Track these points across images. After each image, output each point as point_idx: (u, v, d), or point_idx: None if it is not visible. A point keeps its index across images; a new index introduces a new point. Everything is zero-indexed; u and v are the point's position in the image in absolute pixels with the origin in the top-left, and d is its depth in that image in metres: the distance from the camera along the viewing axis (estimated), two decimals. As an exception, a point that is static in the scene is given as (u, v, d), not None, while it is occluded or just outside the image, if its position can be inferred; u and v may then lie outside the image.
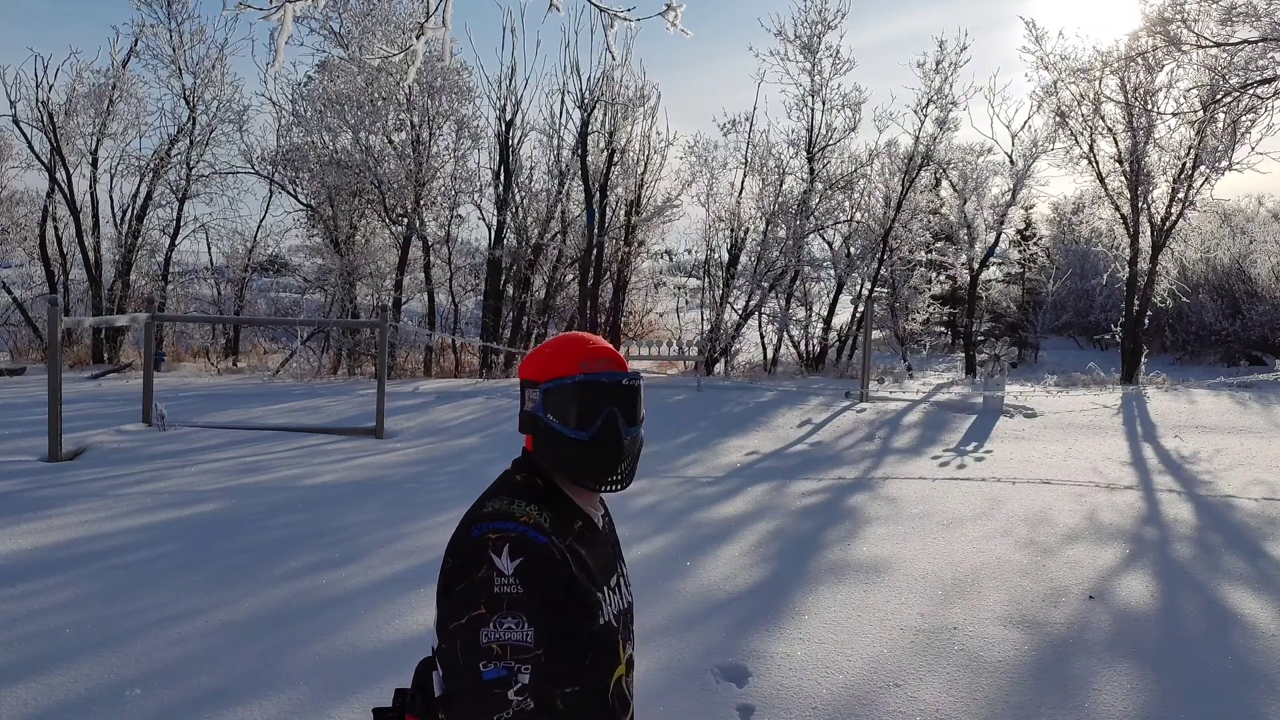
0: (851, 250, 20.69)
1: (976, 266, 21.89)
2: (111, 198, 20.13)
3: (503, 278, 19.94)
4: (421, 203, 18.75)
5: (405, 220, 18.96)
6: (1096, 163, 19.61)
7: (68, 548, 5.72)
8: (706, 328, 20.40)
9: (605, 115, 19.78)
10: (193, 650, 4.21)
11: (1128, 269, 19.33)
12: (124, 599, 4.84)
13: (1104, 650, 4.41)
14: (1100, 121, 19.27)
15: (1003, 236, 23.25)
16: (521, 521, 1.48)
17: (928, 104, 19.40)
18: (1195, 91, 16.07)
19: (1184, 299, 21.26)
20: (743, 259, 20.44)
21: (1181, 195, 18.63)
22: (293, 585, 5.13)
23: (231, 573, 5.31)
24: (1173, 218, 18.81)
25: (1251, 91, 13.99)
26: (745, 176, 20.20)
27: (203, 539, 6.00)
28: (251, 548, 5.83)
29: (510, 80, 19.57)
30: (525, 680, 1.38)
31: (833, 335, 21.00)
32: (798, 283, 20.26)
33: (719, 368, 19.63)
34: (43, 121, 18.76)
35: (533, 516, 1.51)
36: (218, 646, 4.26)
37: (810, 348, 20.85)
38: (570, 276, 21.32)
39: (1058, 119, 19.57)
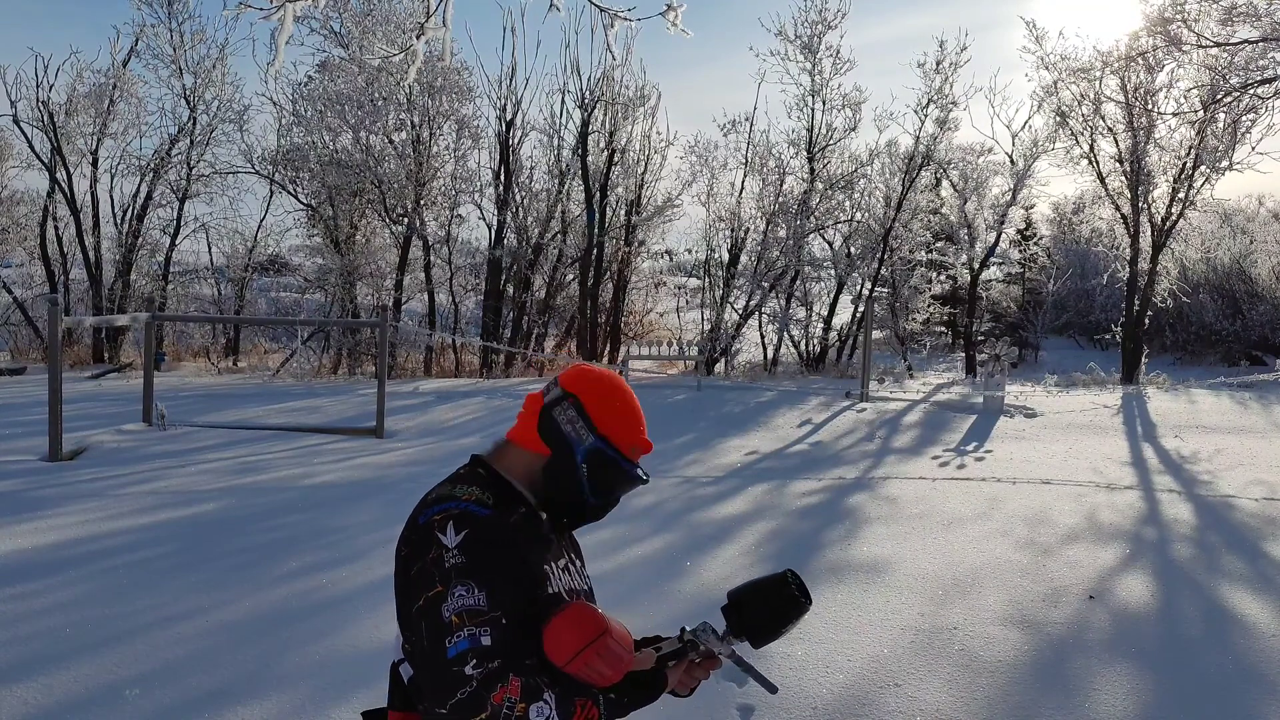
0: (852, 250, 20.68)
1: (977, 266, 21.89)
2: (112, 197, 20.12)
3: (503, 277, 19.93)
4: (422, 202, 18.74)
5: (405, 220, 18.95)
6: (1097, 163, 19.61)
7: (67, 548, 5.73)
8: (707, 327, 20.40)
9: (605, 115, 19.77)
10: (192, 650, 4.21)
11: (1128, 269, 19.32)
12: (124, 599, 4.84)
13: (1104, 650, 4.41)
14: (1100, 121, 19.27)
15: (1003, 236, 23.24)
16: (462, 499, 1.53)
17: (928, 104, 19.40)
18: (1195, 91, 16.05)
19: (1184, 299, 21.24)
20: (743, 259, 20.42)
21: (1182, 195, 18.62)
22: (292, 585, 5.13)
23: (231, 573, 5.31)
24: (1173, 218, 18.81)
25: (1252, 91, 13.97)
26: (745, 176, 20.20)
27: (202, 539, 6.00)
28: (251, 548, 5.83)
29: (510, 80, 19.58)
30: (487, 642, 1.39)
31: (833, 335, 21.00)
32: (798, 282, 20.25)
33: (719, 368, 19.63)
34: (43, 121, 18.74)
35: (474, 494, 1.55)
36: (217, 646, 4.26)
37: (810, 348, 20.84)
38: (570, 276, 21.31)
39: (1058, 119, 19.56)
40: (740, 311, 20.31)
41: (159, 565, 5.44)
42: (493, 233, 19.83)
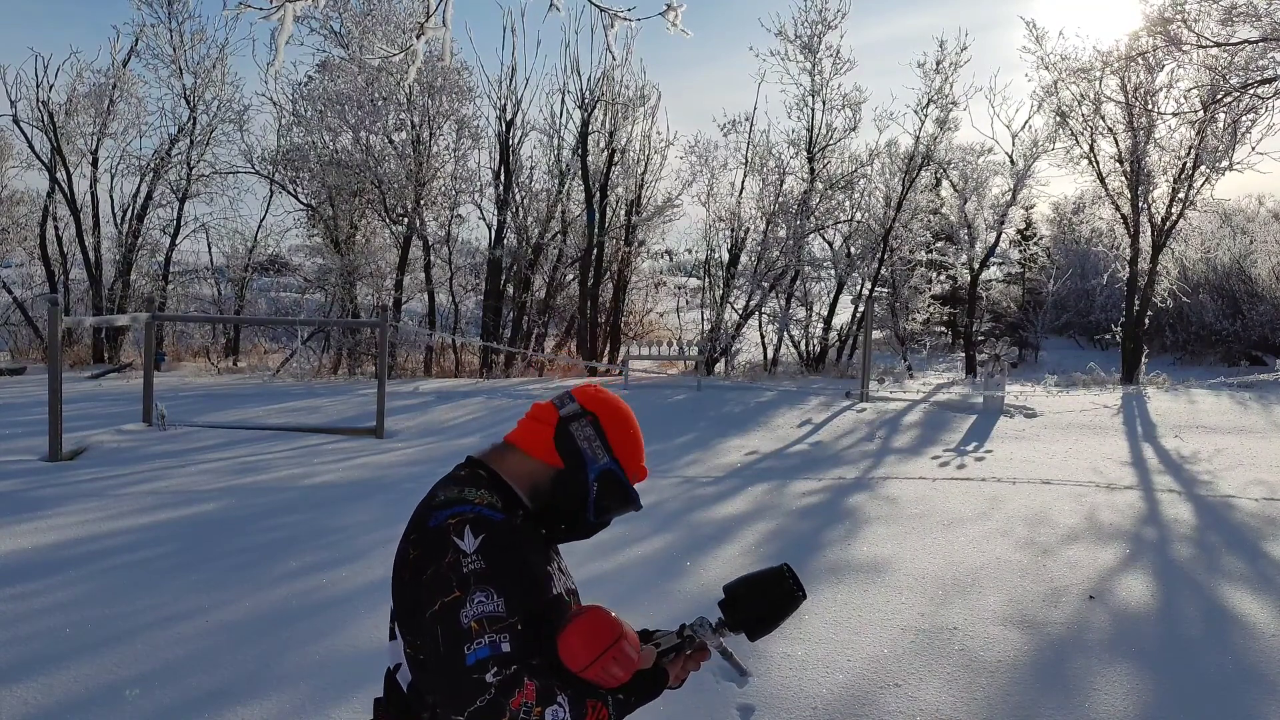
0: (852, 250, 20.67)
1: (977, 266, 21.89)
2: (112, 197, 20.10)
3: (503, 277, 19.93)
4: (422, 202, 18.74)
5: (405, 220, 18.95)
6: (1097, 163, 19.61)
7: (67, 548, 5.73)
8: (707, 327, 20.39)
9: (605, 115, 19.77)
10: (192, 650, 4.21)
11: (1128, 269, 19.32)
12: (123, 599, 4.84)
13: (1103, 650, 4.41)
14: (1100, 121, 19.27)
15: (1003, 236, 23.22)
16: (475, 503, 1.53)
17: (928, 104, 19.39)
18: (1195, 91, 16.05)
19: (1184, 299, 21.24)
20: (743, 259, 20.42)
21: (1182, 195, 18.62)
22: (292, 585, 5.13)
23: (231, 573, 5.31)
24: (1173, 218, 18.81)
25: (1252, 91, 13.97)
26: (745, 176, 20.20)
27: (202, 539, 6.00)
28: (251, 548, 5.83)
29: (510, 80, 19.57)
30: (507, 649, 1.40)
31: (833, 335, 21.00)
32: (798, 282, 20.25)
33: (719, 368, 19.63)
34: (43, 121, 18.73)
35: (485, 498, 1.55)
36: (217, 646, 4.26)
37: (810, 348, 20.85)
38: (570, 276, 21.31)
39: (1058, 119, 19.55)
40: (740, 311, 20.31)
41: (159, 565, 5.44)
42: (493, 233, 19.83)
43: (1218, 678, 4.15)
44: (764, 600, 1.67)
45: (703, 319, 21.34)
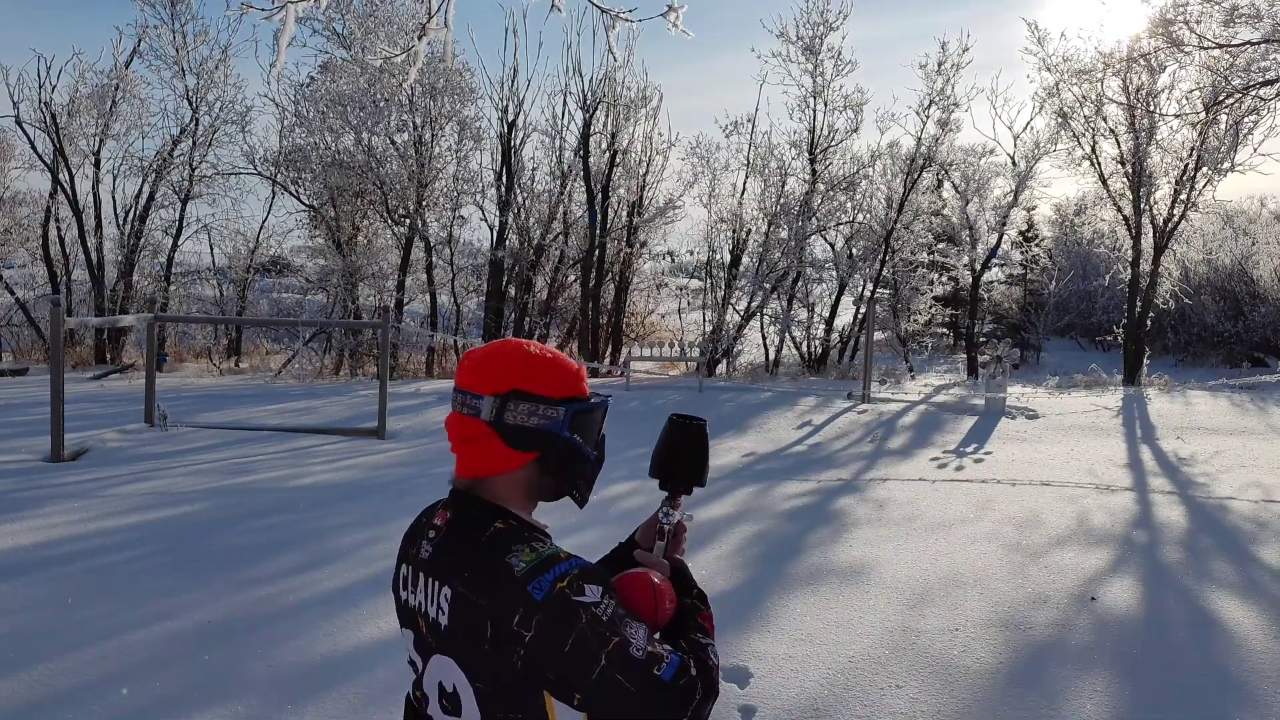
0: (853, 251, 20.70)
1: (978, 268, 21.90)
2: (114, 198, 20.20)
3: (505, 279, 19.96)
4: (424, 204, 18.77)
5: (407, 221, 18.99)
6: (1098, 164, 19.62)
7: (64, 545, 5.74)
8: (708, 329, 20.41)
9: (607, 116, 19.80)
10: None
11: (1130, 270, 19.33)
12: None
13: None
14: (1102, 123, 19.29)
15: (1004, 238, 23.26)
16: (561, 558, 1.43)
17: (929, 105, 19.43)
18: (1197, 93, 16.05)
19: (1186, 300, 21.25)
20: (745, 260, 20.45)
21: (1184, 197, 18.63)
22: (291, 583, 5.14)
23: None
24: (1175, 219, 18.81)
25: (1254, 93, 13.98)
26: (747, 178, 20.24)
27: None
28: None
29: (512, 81, 19.63)
30: (669, 648, 1.43)
31: (834, 336, 21.01)
32: (799, 284, 20.27)
33: (721, 369, 19.64)
34: (45, 122, 18.79)
35: (555, 548, 1.46)
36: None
37: (812, 349, 20.87)
38: (572, 278, 21.34)
39: (1060, 120, 19.58)
40: (742, 312, 20.32)
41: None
42: (494, 234, 19.87)
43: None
44: (689, 454, 1.80)
45: (704, 320, 21.37)
